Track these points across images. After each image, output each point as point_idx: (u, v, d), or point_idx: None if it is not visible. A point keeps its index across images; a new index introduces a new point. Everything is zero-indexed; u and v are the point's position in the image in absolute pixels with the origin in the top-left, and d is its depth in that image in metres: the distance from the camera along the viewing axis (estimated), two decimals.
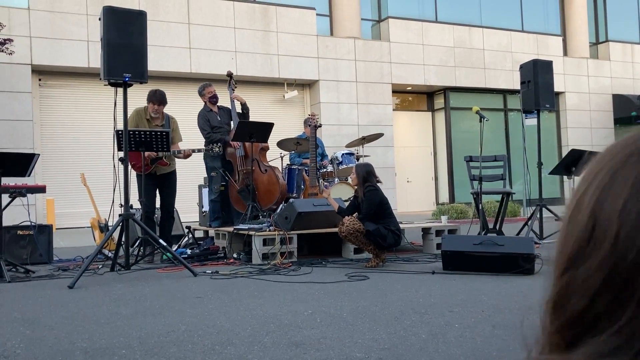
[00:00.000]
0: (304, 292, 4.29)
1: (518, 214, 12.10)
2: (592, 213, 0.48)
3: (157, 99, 6.60)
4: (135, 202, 6.38)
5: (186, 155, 6.59)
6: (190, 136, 7.95)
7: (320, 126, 7.59)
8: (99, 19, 5.42)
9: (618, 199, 0.46)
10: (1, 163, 5.29)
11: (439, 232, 6.63)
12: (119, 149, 5.90)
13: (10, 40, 10.48)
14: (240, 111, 7.26)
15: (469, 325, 3.15)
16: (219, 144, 6.66)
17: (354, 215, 5.61)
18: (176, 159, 6.86)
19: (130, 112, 6.13)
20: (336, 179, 7.66)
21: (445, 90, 16.37)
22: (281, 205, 6.96)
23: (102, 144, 10.86)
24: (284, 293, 4.25)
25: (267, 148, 7.25)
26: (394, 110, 15.70)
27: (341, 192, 7.16)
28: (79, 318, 3.57)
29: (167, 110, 6.84)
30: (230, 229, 6.48)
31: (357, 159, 8.06)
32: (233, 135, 6.92)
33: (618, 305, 0.45)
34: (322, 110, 14.16)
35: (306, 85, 14.87)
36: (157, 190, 6.76)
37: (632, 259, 0.45)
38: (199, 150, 6.66)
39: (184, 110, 10.48)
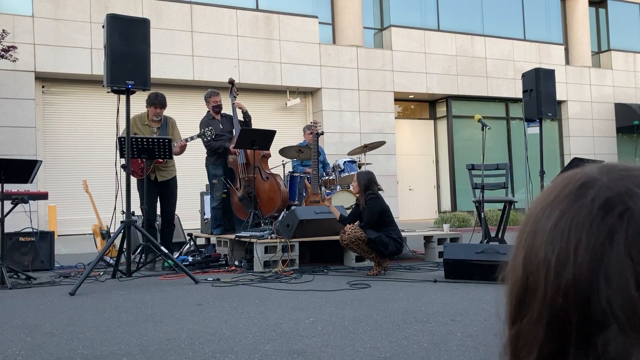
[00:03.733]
0: (306, 300, 4.27)
1: (520, 222, 12.06)
2: (524, 264, 0.51)
3: (159, 102, 6.61)
4: (136, 209, 6.38)
5: (181, 148, 6.57)
6: (192, 142, 7.95)
7: (322, 134, 7.60)
8: (103, 27, 5.44)
9: (540, 249, 0.50)
10: (4, 169, 5.30)
11: (441, 241, 6.61)
12: (121, 156, 5.91)
13: (14, 48, 10.53)
14: (242, 119, 7.27)
15: (471, 334, 3.13)
16: (210, 127, 6.68)
17: (356, 223, 5.60)
18: (177, 166, 6.87)
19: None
20: (338, 187, 7.65)
21: (448, 99, 16.39)
22: (283, 212, 6.95)
23: (105, 151, 10.90)
24: (286, 301, 4.23)
25: (268, 155, 7.25)
26: (396, 118, 15.72)
27: (343, 200, 7.16)
28: (79, 325, 3.56)
29: (166, 115, 6.85)
30: (232, 236, 6.47)
31: (359, 167, 8.06)
32: (235, 143, 6.93)
33: (561, 354, 0.47)
34: (324, 118, 14.18)
35: (308, 93, 14.90)
36: (158, 197, 6.76)
37: (560, 304, 0.47)
38: (192, 139, 6.65)
39: (187, 117, 10.50)
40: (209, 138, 6.74)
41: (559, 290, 0.47)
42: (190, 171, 10.26)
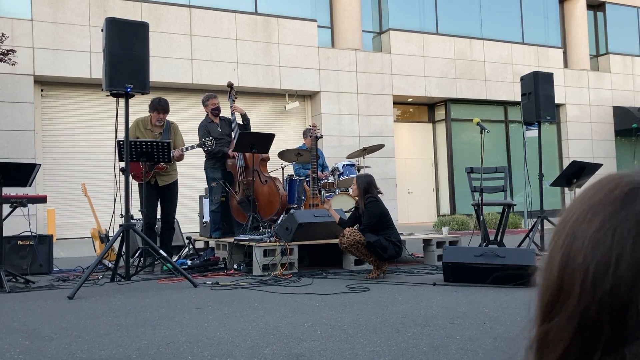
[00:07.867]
0: (305, 303, 4.27)
1: (519, 225, 12.07)
2: (560, 266, 0.50)
3: (162, 107, 6.60)
4: (136, 212, 6.37)
5: (178, 157, 6.55)
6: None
7: (321, 137, 7.61)
8: (102, 30, 5.45)
9: (579, 254, 0.49)
10: (2, 173, 5.29)
11: (440, 244, 6.61)
12: (120, 160, 5.91)
13: (13, 51, 10.54)
14: (241, 122, 7.27)
15: (470, 338, 3.13)
16: (210, 137, 6.67)
17: (355, 226, 5.60)
18: (177, 169, 6.86)
19: (131, 123, 6.14)
20: (337, 190, 7.66)
21: (446, 102, 16.40)
22: (282, 216, 6.95)
23: (104, 155, 10.88)
24: (285, 304, 4.23)
25: (267, 159, 7.25)
26: (395, 121, 15.73)
27: (342, 203, 7.16)
28: (78, 329, 3.55)
29: (168, 119, 6.84)
30: (231, 239, 6.47)
31: (358, 170, 8.07)
32: (234, 146, 6.93)
33: (587, 355, 0.47)
34: (323, 121, 14.19)
35: (307, 96, 14.91)
36: (159, 201, 6.74)
37: (594, 312, 0.47)
38: (192, 147, 6.63)
39: (186, 121, 10.45)
40: (209, 148, 6.71)
41: (594, 298, 0.47)
42: (189, 175, 10.25)
